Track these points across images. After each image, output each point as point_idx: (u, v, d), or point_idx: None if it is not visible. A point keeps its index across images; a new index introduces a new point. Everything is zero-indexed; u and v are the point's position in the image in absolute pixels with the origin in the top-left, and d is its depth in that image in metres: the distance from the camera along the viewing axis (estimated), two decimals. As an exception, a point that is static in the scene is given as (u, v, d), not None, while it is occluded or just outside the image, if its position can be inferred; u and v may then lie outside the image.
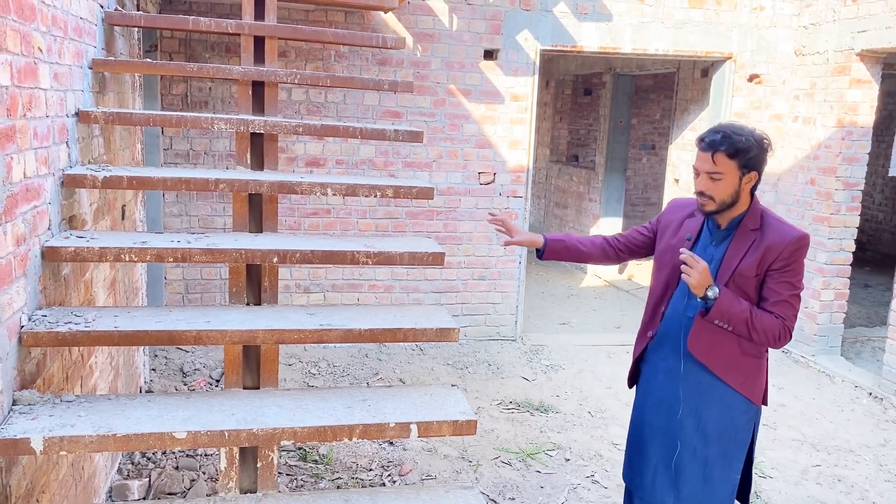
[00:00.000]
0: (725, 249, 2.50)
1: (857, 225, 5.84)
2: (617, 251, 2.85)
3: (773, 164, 6.32)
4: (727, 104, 6.22)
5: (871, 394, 5.26)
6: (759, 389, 2.56)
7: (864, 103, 5.65)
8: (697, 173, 2.47)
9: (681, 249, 2.46)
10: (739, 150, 2.39)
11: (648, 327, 2.70)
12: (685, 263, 2.39)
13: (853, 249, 5.86)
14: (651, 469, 2.65)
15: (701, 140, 2.46)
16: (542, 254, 2.84)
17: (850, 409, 5.07)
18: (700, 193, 2.47)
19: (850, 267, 5.88)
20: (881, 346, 6.19)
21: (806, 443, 4.50)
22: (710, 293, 2.39)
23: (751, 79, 6.18)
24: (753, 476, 4.00)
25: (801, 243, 2.42)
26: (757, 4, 6.06)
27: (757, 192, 2.53)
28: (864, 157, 5.73)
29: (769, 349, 2.57)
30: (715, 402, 2.53)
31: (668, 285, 2.63)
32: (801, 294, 2.48)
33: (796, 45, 6.15)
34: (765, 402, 2.63)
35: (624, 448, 2.89)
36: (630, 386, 2.86)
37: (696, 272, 2.36)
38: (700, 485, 2.57)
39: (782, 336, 2.42)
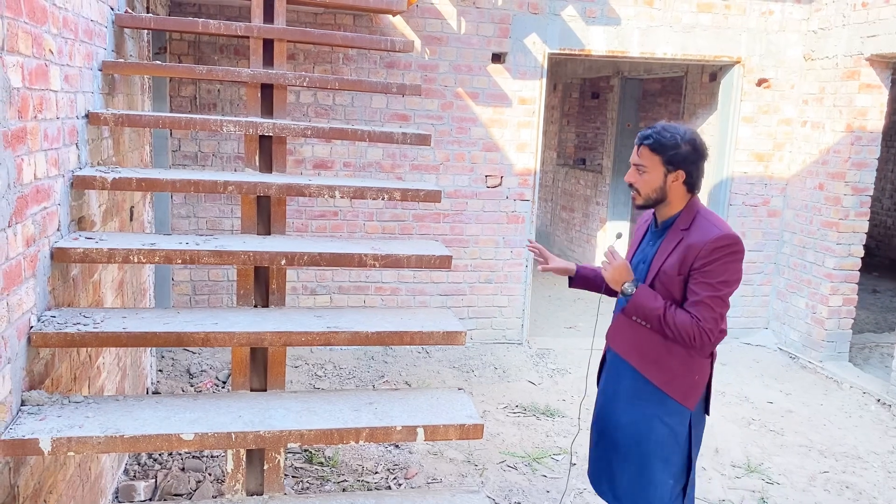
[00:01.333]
0: (657, 248, 2.52)
1: (866, 230, 5.82)
2: None
3: (782, 169, 6.30)
4: (735, 109, 6.21)
5: (879, 400, 5.23)
6: (690, 392, 2.48)
7: (874, 108, 5.62)
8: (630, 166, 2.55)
9: (609, 246, 2.54)
10: (664, 146, 2.41)
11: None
12: (605, 259, 2.48)
13: (862, 255, 5.83)
14: (596, 465, 2.71)
15: (637, 135, 2.52)
16: (572, 281, 2.87)
17: (858, 415, 5.04)
18: (630, 185, 2.53)
19: (858, 272, 5.85)
20: (889, 353, 6.16)
21: (813, 449, 4.47)
22: (626, 288, 2.44)
23: (759, 83, 6.16)
24: (762, 483, 3.99)
25: (720, 243, 2.36)
26: (766, 9, 6.04)
27: (699, 196, 2.53)
28: (873, 162, 5.70)
29: (713, 354, 2.55)
30: (648, 398, 2.51)
31: None
32: (729, 299, 2.42)
33: (805, 50, 6.13)
34: (706, 411, 2.59)
35: None
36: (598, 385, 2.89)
37: (612, 267, 2.45)
38: (637, 482, 2.54)
39: (697, 337, 2.35)
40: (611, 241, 8.65)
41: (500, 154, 5.89)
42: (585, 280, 2.86)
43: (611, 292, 2.80)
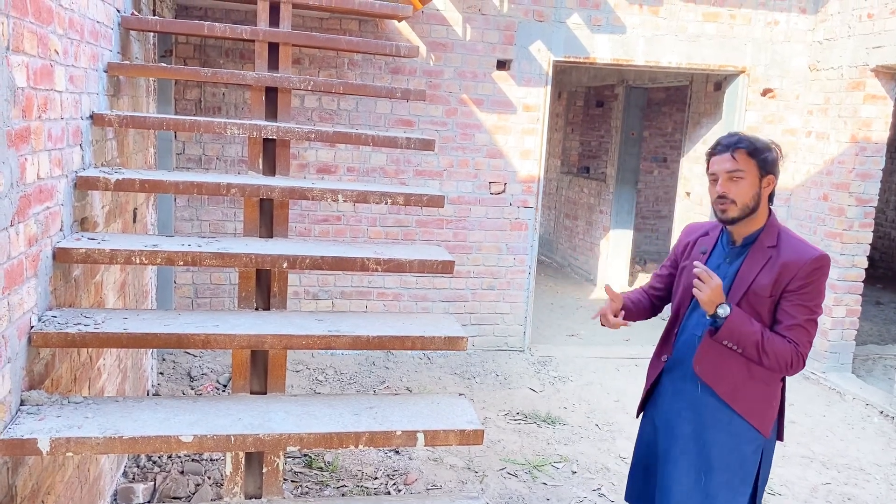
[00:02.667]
0: (739, 267, 2.38)
1: (870, 241, 5.80)
2: (651, 301, 2.73)
3: (786, 179, 6.29)
4: (740, 118, 6.20)
5: (882, 412, 5.21)
6: (768, 419, 2.42)
7: (879, 119, 5.62)
8: (715, 178, 2.36)
9: (695, 263, 2.37)
10: (758, 149, 2.32)
11: (662, 351, 2.60)
12: (698, 278, 2.29)
13: (865, 266, 5.82)
14: (653, 492, 2.57)
15: (717, 144, 2.38)
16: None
17: (861, 427, 5.01)
18: (721, 198, 2.34)
19: (862, 283, 5.83)
20: (893, 365, 6.14)
21: (815, 460, 4.45)
22: (720, 311, 2.28)
23: (764, 93, 6.16)
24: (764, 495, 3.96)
25: (819, 263, 2.29)
26: (771, 19, 6.05)
27: (773, 208, 2.47)
28: (877, 173, 5.69)
29: (785, 378, 2.46)
30: (721, 427, 2.41)
31: (681, 307, 2.54)
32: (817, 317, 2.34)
33: (810, 60, 6.13)
34: (780, 437, 2.50)
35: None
36: (638, 415, 2.75)
37: (709, 288, 2.26)
38: None
39: (794, 363, 2.28)
40: (609, 249, 8.63)
41: (504, 161, 5.89)
42: (633, 310, 2.66)
43: (644, 316, 2.69)
